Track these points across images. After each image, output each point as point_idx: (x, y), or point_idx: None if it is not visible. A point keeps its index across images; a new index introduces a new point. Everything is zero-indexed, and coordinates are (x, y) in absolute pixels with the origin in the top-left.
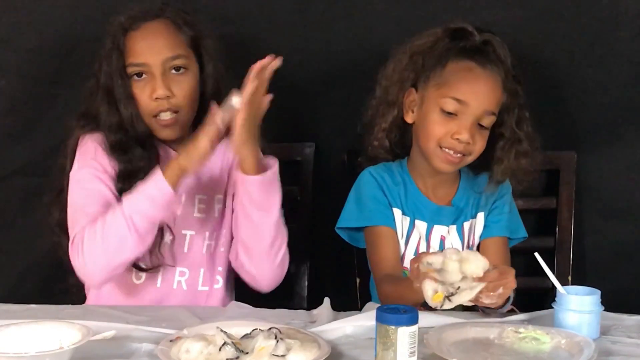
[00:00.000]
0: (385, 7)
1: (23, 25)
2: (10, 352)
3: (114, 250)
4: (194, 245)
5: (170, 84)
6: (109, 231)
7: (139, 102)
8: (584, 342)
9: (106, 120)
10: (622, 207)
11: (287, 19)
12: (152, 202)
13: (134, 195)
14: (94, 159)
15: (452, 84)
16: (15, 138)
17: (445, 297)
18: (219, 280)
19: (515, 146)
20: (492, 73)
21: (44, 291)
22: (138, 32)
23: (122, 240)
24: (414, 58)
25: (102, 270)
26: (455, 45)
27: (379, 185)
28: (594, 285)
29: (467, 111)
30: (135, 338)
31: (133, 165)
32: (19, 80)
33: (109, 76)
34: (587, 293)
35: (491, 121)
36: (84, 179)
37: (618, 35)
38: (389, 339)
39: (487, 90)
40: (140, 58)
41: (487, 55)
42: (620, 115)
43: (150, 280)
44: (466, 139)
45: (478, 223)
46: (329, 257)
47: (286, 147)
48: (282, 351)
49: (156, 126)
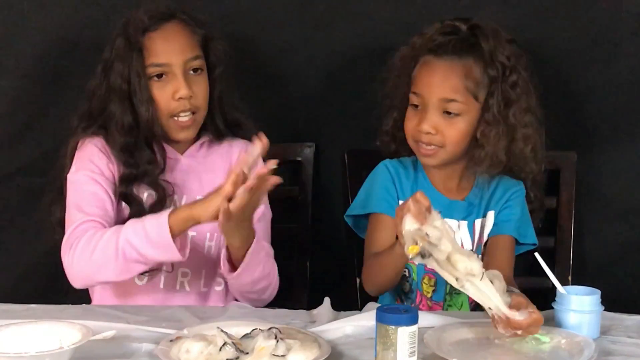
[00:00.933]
0: (385, 7)
1: (23, 25)
2: (10, 352)
3: (97, 268)
4: (196, 247)
5: (191, 84)
6: (100, 248)
7: (158, 103)
8: (584, 342)
9: (119, 121)
10: (622, 207)
11: (287, 18)
12: (147, 241)
13: (136, 225)
14: (91, 161)
15: (414, 80)
16: (15, 138)
17: (420, 253)
18: (221, 282)
19: (496, 128)
20: (449, 62)
21: (44, 291)
22: (158, 33)
23: (107, 262)
24: (405, 61)
25: (85, 279)
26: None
27: (392, 177)
28: (594, 285)
29: (423, 102)
30: (135, 338)
31: (139, 170)
32: (19, 80)
33: (125, 76)
34: (587, 293)
35: (458, 107)
36: (80, 180)
37: (618, 35)
38: (389, 339)
39: (441, 80)
40: (162, 58)
41: (451, 45)
42: (620, 115)
43: (152, 282)
44: (426, 129)
45: (488, 221)
46: (329, 257)
47: (286, 147)
48: (282, 351)
49: (174, 126)
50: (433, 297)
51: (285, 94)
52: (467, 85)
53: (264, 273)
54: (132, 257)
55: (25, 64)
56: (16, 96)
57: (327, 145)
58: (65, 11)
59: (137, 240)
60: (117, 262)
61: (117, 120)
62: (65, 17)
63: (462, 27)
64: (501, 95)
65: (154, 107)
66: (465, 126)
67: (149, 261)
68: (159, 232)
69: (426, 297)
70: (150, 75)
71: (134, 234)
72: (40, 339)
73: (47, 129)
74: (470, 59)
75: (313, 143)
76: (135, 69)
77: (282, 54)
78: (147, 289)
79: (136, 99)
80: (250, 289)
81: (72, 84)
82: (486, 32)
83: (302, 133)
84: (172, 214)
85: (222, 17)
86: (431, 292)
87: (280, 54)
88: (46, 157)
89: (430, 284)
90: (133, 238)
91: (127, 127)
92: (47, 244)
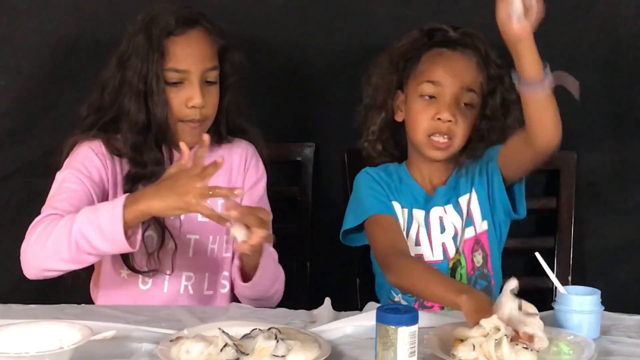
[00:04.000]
0: (385, 7)
1: (23, 25)
2: (10, 352)
3: (49, 255)
4: (199, 250)
5: (205, 94)
6: (54, 236)
7: (170, 107)
8: (584, 342)
9: (132, 119)
10: (622, 207)
11: (287, 18)
12: (100, 233)
13: (90, 215)
14: (81, 163)
15: (425, 70)
16: (15, 138)
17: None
18: (226, 285)
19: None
20: (464, 55)
21: (44, 291)
22: (182, 38)
23: (60, 250)
24: (395, 61)
25: (36, 267)
26: (430, 39)
27: (377, 181)
28: (594, 285)
29: (444, 91)
30: (135, 338)
31: (146, 169)
32: (19, 80)
33: (142, 75)
34: (587, 293)
35: (472, 99)
36: (65, 178)
37: (618, 36)
38: (389, 339)
39: (460, 68)
40: (182, 64)
41: (459, 42)
42: (620, 116)
43: (156, 286)
44: (447, 117)
45: (473, 197)
46: (329, 257)
47: (286, 147)
48: (282, 352)
49: (184, 128)
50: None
51: (285, 94)
52: (480, 79)
53: (273, 279)
54: (84, 248)
55: (26, 64)
56: (16, 96)
57: (327, 145)
58: (65, 11)
59: (90, 232)
60: (69, 251)
61: (131, 118)
62: (65, 17)
63: (450, 30)
64: (500, 96)
65: (169, 110)
66: (473, 120)
67: (101, 253)
68: (111, 227)
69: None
70: (167, 80)
71: (88, 225)
72: (40, 339)
73: (47, 128)
74: (477, 56)
75: (313, 143)
76: (155, 71)
77: (282, 54)
78: (151, 293)
79: (151, 100)
80: (261, 296)
81: (72, 84)
82: (477, 35)
83: (302, 133)
84: (128, 207)
85: (222, 17)
86: None
87: (280, 54)
88: (46, 157)
89: None
90: (87, 229)
91: (140, 125)
92: None
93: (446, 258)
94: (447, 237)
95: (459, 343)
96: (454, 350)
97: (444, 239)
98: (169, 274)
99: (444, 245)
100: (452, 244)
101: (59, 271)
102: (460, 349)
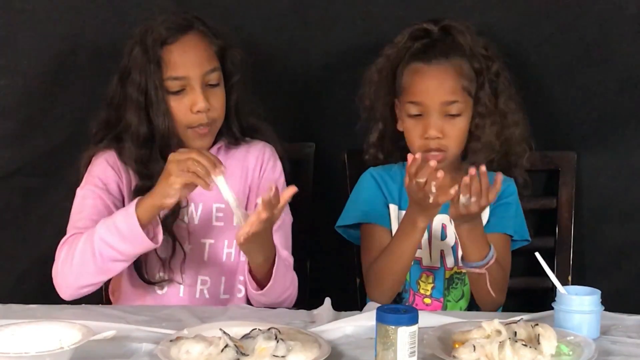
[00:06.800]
0: (385, 7)
1: (23, 26)
2: (10, 352)
3: (78, 272)
4: (214, 254)
5: (209, 96)
6: (78, 252)
7: (175, 115)
8: (584, 342)
9: (134, 132)
10: (622, 207)
11: (287, 18)
12: (120, 235)
13: (107, 222)
14: (97, 176)
15: (406, 89)
16: (15, 138)
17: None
18: (242, 289)
19: (490, 119)
20: (440, 67)
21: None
22: (176, 46)
23: (86, 264)
24: (383, 74)
25: (70, 287)
26: (410, 48)
27: (378, 184)
28: (594, 285)
29: (426, 110)
30: (135, 338)
31: (153, 181)
32: (19, 80)
33: (142, 88)
34: (587, 293)
35: (458, 108)
36: (84, 195)
37: (618, 36)
38: (389, 339)
39: (438, 84)
40: (180, 72)
41: (436, 49)
42: (620, 116)
43: (173, 290)
44: (434, 134)
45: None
46: (329, 257)
47: (286, 147)
48: (282, 352)
49: (192, 136)
50: (433, 294)
51: (285, 94)
52: (462, 85)
53: (285, 287)
54: (109, 255)
55: (26, 64)
56: (16, 96)
57: (327, 145)
58: (65, 11)
59: (110, 237)
60: (95, 262)
61: (133, 132)
62: (65, 17)
63: (433, 29)
64: (489, 86)
65: (171, 119)
66: (465, 124)
67: (126, 256)
68: (128, 225)
69: (423, 296)
70: (168, 89)
71: (107, 232)
72: (40, 339)
73: (48, 129)
74: (457, 58)
75: (313, 143)
76: (153, 82)
77: (282, 54)
78: (168, 297)
79: (152, 111)
80: (272, 302)
81: (72, 84)
82: (460, 29)
83: (302, 133)
84: (139, 205)
85: (221, 17)
86: (430, 290)
87: (280, 54)
88: (46, 157)
89: (429, 282)
90: (106, 236)
91: (143, 138)
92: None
93: (443, 266)
94: (446, 246)
95: (458, 345)
96: (454, 352)
97: (444, 246)
98: (180, 283)
99: (442, 253)
100: (451, 254)
101: (91, 285)
102: (461, 350)
